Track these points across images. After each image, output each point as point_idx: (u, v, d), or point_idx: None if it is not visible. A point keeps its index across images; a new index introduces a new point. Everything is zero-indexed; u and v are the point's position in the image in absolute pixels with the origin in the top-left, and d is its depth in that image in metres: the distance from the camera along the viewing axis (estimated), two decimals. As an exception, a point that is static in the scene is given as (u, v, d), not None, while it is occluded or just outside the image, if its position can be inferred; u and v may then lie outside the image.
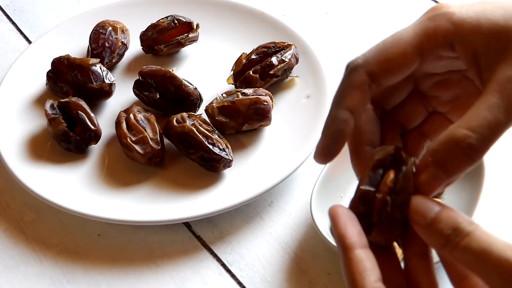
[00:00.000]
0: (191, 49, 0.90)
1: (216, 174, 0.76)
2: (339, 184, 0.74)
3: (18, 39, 0.95)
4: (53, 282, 0.70)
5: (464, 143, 0.45)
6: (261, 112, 0.78)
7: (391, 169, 0.47)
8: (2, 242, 0.74)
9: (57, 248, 0.73)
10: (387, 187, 0.46)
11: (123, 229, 0.74)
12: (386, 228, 0.46)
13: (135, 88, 0.83)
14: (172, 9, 0.92)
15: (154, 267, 0.71)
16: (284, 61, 0.83)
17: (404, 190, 0.46)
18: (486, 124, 0.45)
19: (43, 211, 0.76)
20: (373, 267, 0.44)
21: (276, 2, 0.98)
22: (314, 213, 0.69)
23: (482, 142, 0.45)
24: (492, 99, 0.45)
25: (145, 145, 0.76)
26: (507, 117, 0.45)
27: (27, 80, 0.86)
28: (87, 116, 0.79)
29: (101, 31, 0.88)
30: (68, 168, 0.78)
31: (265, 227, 0.74)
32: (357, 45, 0.92)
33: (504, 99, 0.45)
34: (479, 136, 0.45)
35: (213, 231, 0.74)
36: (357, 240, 0.45)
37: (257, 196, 0.73)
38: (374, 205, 0.46)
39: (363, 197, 0.47)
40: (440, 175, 0.46)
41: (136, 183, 0.76)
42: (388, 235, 0.47)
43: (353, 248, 0.45)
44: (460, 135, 0.45)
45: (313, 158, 0.50)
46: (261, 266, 0.71)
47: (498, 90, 0.45)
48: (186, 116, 0.77)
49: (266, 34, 0.89)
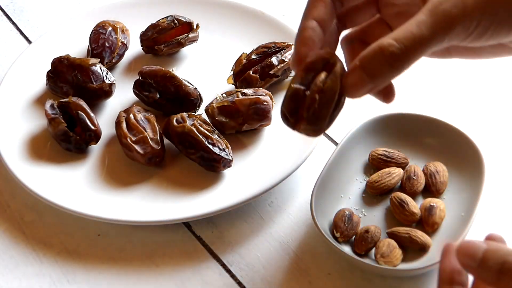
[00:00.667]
0: (191, 49, 0.90)
1: (216, 174, 0.76)
2: (339, 184, 0.74)
3: (18, 39, 0.95)
4: (53, 282, 0.70)
5: (388, 51, 0.51)
6: (261, 112, 0.78)
7: (323, 71, 0.54)
8: (2, 242, 0.74)
9: (57, 248, 0.73)
10: (317, 87, 0.53)
11: (123, 229, 0.74)
12: (313, 122, 0.54)
13: (135, 88, 0.83)
14: (172, 9, 0.92)
15: (154, 267, 0.71)
16: (284, 61, 0.83)
17: (331, 89, 0.53)
18: (411, 37, 0.50)
19: (43, 211, 0.76)
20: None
21: (276, 2, 0.98)
22: (314, 213, 0.69)
23: (403, 51, 0.50)
24: (422, 17, 0.51)
25: (145, 145, 0.76)
26: (432, 34, 0.51)
27: (27, 80, 0.86)
28: (87, 116, 0.79)
29: (101, 31, 0.88)
30: (68, 168, 0.78)
31: (265, 227, 0.74)
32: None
33: (432, 17, 0.51)
34: (402, 46, 0.50)
35: (213, 231, 0.74)
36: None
37: (257, 196, 0.73)
38: (304, 101, 0.54)
39: (294, 94, 0.54)
40: (364, 78, 0.52)
41: (136, 183, 0.76)
42: (314, 127, 0.54)
43: None
44: (385, 44, 0.51)
45: (290, 66, 0.56)
46: (261, 266, 0.71)
47: (430, 9, 0.51)
48: (186, 116, 0.77)
49: (266, 34, 0.89)
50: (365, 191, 0.74)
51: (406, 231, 0.69)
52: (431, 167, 0.73)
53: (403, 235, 0.69)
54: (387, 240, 0.69)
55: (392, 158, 0.75)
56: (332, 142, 0.81)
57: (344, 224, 0.69)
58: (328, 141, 0.81)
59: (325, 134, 0.81)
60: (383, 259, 0.67)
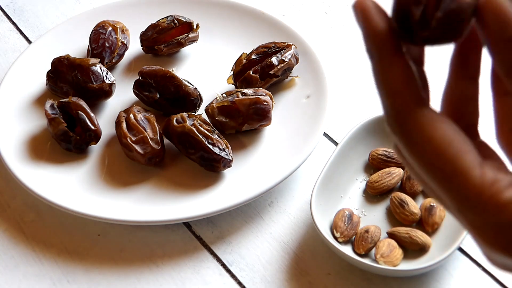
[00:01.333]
0: (191, 49, 0.90)
1: (216, 174, 0.76)
2: (339, 184, 0.74)
3: (18, 39, 0.95)
4: (53, 282, 0.70)
5: None
6: (261, 112, 0.78)
7: None
8: (2, 242, 0.74)
9: (57, 248, 0.73)
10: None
11: (123, 229, 0.74)
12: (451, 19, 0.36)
13: (135, 88, 0.83)
14: (172, 9, 0.92)
15: (154, 267, 0.71)
16: (284, 61, 0.83)
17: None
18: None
19: (43, 211, 0.76)
20: (414, 76, 0.38)
21: (276, 2, 0.98)
22: (314, 213, 0.69)
23: None
24: None
25: (145, 145, 0.76)
26: None
27: (27, 80, 0.86)
28: (87, 116, 0.79)
29: (101, 31, 0.88)
30: (68, 168, 0.78)
31: (265, 227, 0.74)
32: (357, 45, 0.92)
33: None
34: None
35: (213, 231, 0.74)
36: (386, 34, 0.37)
37: (257, 196, 0.73)
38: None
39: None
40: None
41: (136, 183, 0.76)
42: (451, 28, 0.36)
43: (391, 50, 0.37)
44: None
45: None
46: (261, 266, 0.71)
47: None
48: (186, 116, 0.77)
49: (266, 34, 0.89)
50: (365, 191, 0.74)
51: (406, 231, 0.69)
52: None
53: (403, 235, 0.69)
54: (387, 240, 0.69)
55: (392, 158, 0.75)
56: (332, 142, 0.81)
57: (344, 224, 0.69)
58: (328, 141, 0.81)
59: (325, 134, 0.81)
60: (383, 259, 0.67)
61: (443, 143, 0.37)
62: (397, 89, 0.38)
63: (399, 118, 0.38)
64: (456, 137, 0.38)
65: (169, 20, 0.88)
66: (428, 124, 0.37)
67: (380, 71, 0.38)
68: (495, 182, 0.37)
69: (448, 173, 0.37)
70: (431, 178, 0.38)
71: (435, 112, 0.38)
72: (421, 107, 0.38)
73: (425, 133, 0.37)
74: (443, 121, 0.38)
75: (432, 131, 0.37)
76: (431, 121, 0.38)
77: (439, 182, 0.38)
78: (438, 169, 0.37)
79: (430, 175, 0.38)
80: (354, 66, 0.89)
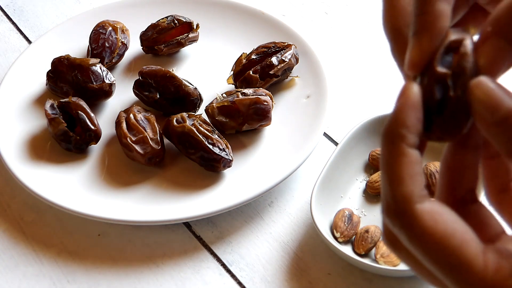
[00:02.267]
0: (191, 49, 0.90)
1: (216, 174, 0.76)
2: (339, 184, 0.74)
3: (18, 39, 0.95)
4: (53, 282, 0.70)
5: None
6: (261, 112, 0.78)
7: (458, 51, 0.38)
8: (2, 242, 0.74)
9: (57, 248, 0.73)
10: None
11: (123, 229, 0.74)
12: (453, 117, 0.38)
13: (135, 88, 0.83)
14: (172, 9, 0.92)
15: (154, 267, 0.71)
16: (284, 61, 0.83)
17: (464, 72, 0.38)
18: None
19: (43, 211, 0.76)
20: (422, 172, 0.39)
21: (276, 2, 0.98)
22: (314, 213, 0.69)
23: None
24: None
25: (145, 145, 0.76)
26: None
27: (27, 80, 0.86)
28: (87, 116, 0.79)
29: (101, 31, 0.88)
30: (68, 168, 0.78)
31: (265, 227, 0.74)
32: (357, 45, 0.92)
33: None
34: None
35: (213, 231, 0.74)
36: (417, 132, 0.38)
37: (257, 196, 0.73)
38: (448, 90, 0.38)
39: (440, 80, 0.38)
40: (504, 47, 0.37)
41: (136, 183, 0.76)
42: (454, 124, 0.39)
43: (410, 144, 0.38)
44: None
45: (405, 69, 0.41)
46: (261, 266, 0.71)
47: None
48: (186, 116, 0.77)
49: (266, 34, 0.89)
50: (365, 191, 0.74)
51: (406, 231, 0.69)
52: (431, 167, 0.73)
53: (403, 235, 0.69)
54: (387, 240, 0.68)
55: (392, 158, 0.74)
56: (332, 142, 0.81)
57: (344, 224, 0.69)
58: (328, 141, 0.81)
59: (325, 134, 0.81)
60: (383, 259, 0.67)
61: (446, 235, 0.38)
62: (402, 179, 0.38)
63: (398, 210, 0.38)
64: (458, 227, 0.38)
65: (169, 20, 0.88)
66: (429, 220, 0.38)
67: (390, 156, 0.38)
68: (498, 270, 0.38)
69: (453, 265, 0.38)
70: (436, 269, 0.39)
71: (434, 202, 0.39)
72: (422, 201, 0.38)
73: (427, 227, 0.38)
74: (443, 212, 0.38)
75: (434, 225, 0.38)
76: (432, 215, 0.38)
77: (444, 273, 0.38)
78: (443, 261, 0.38)
79: (435, 267, 0.39)
80: (354, 66, 0.89)
